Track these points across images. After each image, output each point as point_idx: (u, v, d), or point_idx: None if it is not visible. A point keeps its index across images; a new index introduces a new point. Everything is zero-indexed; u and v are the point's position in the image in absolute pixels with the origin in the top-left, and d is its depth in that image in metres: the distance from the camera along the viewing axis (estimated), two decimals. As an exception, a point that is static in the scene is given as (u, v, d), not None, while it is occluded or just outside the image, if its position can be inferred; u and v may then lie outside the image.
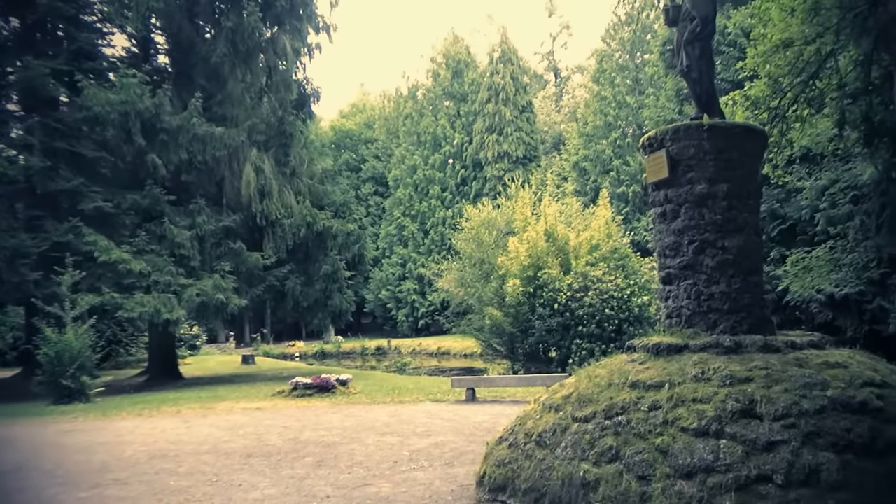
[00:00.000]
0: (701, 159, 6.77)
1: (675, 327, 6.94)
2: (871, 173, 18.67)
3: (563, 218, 27.22)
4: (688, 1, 7.26)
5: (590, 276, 22.66)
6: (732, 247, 6.70)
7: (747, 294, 6.70)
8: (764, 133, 7.39)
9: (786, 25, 13.16)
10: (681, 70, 7.35)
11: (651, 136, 7.17)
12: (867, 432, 5.04)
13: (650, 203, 7.36)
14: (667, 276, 7.09)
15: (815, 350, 6.29)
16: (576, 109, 56.95)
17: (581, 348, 21.98)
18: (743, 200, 6.81)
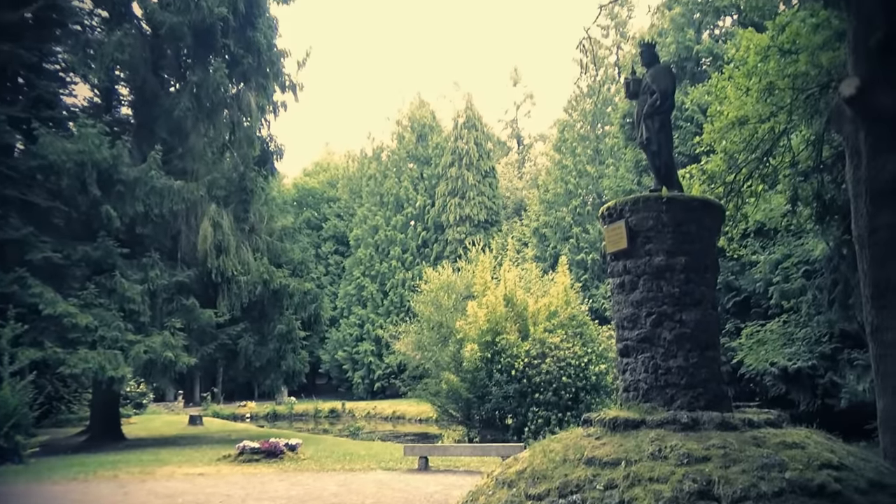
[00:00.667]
0: (660, 231, 6.77)
1: (633, 401, 6.81)
2: (822, 249, 19.08)
3: (522, 283, 27.21)
4: (648, 75, 7.38)
5: (548, 343, 22.57)
6: (690, 320, 6.65)
7: (704, 369, 6.63)
8: (721, 207, 7.46)
9: (741, 104, 13.52)
10: (641, 142, 7.42)
11: (611, 207, 7.17)
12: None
13: (609, 273, 7.32)
14: (624, 349, 6.99)
15: (772, 428, 6.20)
16: (537, 176, 57.86)
17: (537, 416, 21.72)
18: (700, 274, 6.80)
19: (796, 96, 12.58)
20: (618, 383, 7.23)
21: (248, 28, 24.81)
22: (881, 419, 8.61)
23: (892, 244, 8.48)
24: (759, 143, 14.54)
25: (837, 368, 22.95)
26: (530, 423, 21.75)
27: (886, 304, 8.47)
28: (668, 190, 6.98)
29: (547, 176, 49.68)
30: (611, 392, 24.10)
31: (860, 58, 8.72)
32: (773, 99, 13.11)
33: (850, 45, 8.98)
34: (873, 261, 8.61)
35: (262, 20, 25.52)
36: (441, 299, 28.33)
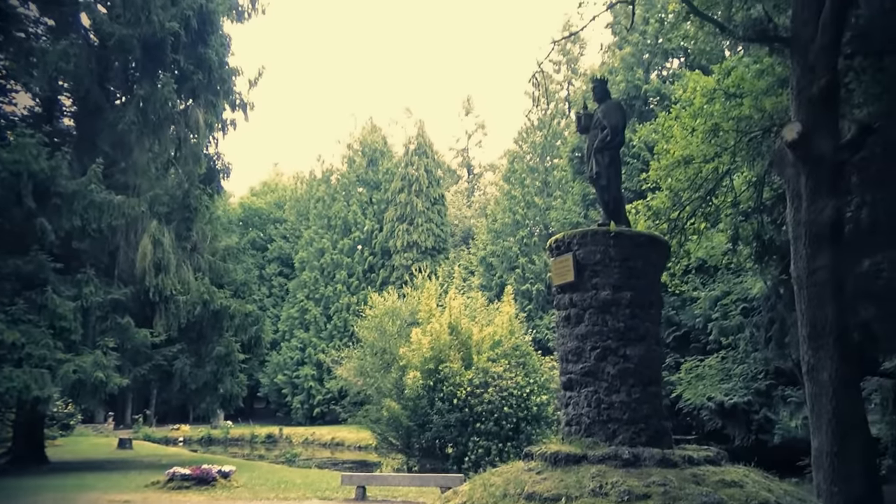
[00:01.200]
0: (606, 265, 6.79)
1: (575, 435, 6.76)
2: (760, 288, 19.57)
3: (467, 311, 27.12)
4: (600, 111, 7.45)
5: (490, 372, 22.46)
6: (634, 355, 6.65)
7: (647, 404, 6.62)
8: (667, 244, 7.53)
9: (687, 143, 13.84)
10: (590, 176, 7.46)
11: (558, 239, 7.17)
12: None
13: (555, 306, 7.30)
14: (568, 382, 6.95)
15: (711, 466, 6.21)
16: (486, 206, 58.27)
17: (478, 446, 21.54)
18: (645, 309, 6.83)
19: (740, 138, 12.93)
20: (560, 416, 7.17)
21: (199, 44, 24.44)
22: (814, 457, 8.77)
23: (828, 285, 8.71)
24: (703, 183, 14.89)
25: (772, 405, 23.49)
26: (471, 452, 21.54)
27: (822, 344, 8.66)
28: (616, 224, 7.02)
29: (495, 206, 50.08)
30: (551, 423, 24.09)
31: (802, 105, 9.01)
32: (717, 140, 13.46)
33: (793, 93, 9.27)
34: (811, 301, 8.81)
35: (215, 37, 25.18)
36: (385, 325, 27.99)
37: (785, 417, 23.40)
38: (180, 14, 23.05)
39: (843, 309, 8.76)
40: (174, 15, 22.61)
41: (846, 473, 8.27)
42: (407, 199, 54.62)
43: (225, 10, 25.58)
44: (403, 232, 53.94)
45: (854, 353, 8.80)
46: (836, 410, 8.44)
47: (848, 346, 8.73)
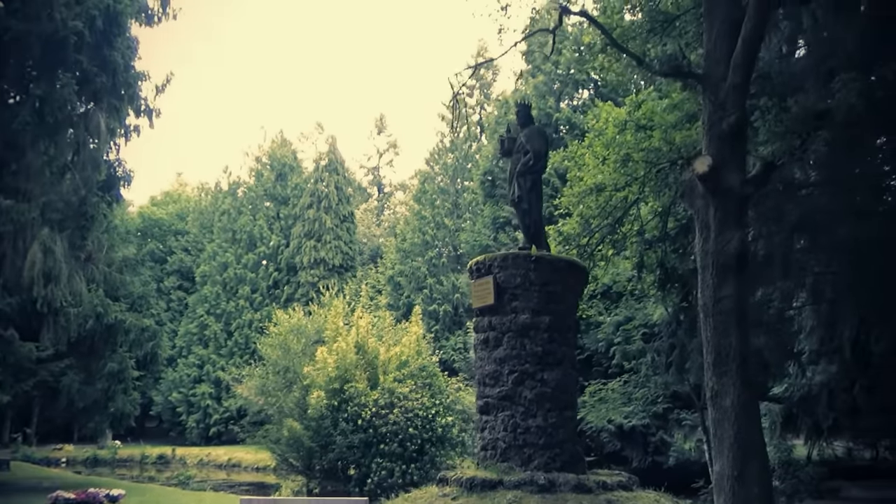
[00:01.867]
0: (526, 289, 6.79)
1: (490, 460, 6.68)
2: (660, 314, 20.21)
3: (374, 331, 26.90)
4: (523, 135, 7.49)
5: (396, 393, 22.32)
6: (551, 380, 6.66)
7: (562, 429, 6.63)
8: (585, 269, 7.64)
9: (599, 171, 14.18)
10: (512, 200, 7.49)
11: (479, 262, 7.13)
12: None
13: (474, 329, 7.25)
14: (485, 406, 6.88)
15: (624, 491, 6.26)
16: (395, 225, 58.20)
17: (381, 467, 21.29)
18: (563, 333, 6.86)
19: (649, 169, 13.36)
20: (476, 441, 7.09)
21: (104, 46, 23.32)
22: (716, 480, 9.01)
23: (733, 314, 9.02)
24: (613, 211, 15.28)
25: (668, 428, 24.29)
26: (373, 474, 21.29)
27: (727, 370, 8.95)
28: (537, 249, 7.05)
29: (405, 225, 50.13)
30: (456, 445, 24.11)
31: (713, 140, 9.37)
32: (627, 170, 13.85)
33: (704, 127, 9.63)
34: (716, 329, 9.10)
35: (122, 39, 24.09)
36: (290, 343, 27.37)
37: (680, 440, 24.24)
38: (85, 13, 21.94)
39: (745, 337, 9.11)
40: (78, 14, 21.47)
41: (745, 496, 8.54)
42: (316, 216, 53.86)
43: (133, 11, 24.54)
44: (311, 248, 53.10)
45: (754, 380, 9.14)
46: (738, 435, 8.72)
47: (749, 372, 9.06)
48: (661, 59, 10.18)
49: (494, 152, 32.93)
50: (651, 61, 10.15)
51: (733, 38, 9.34)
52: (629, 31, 11.16)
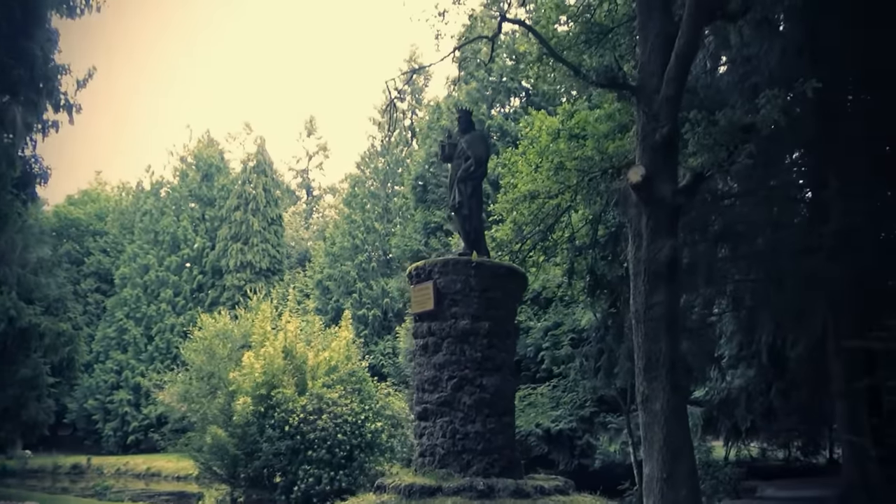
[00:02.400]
0: (466, 295, 6.78)
1: (429, 466, 6.64)
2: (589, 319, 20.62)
3: (303, 335, 26.50)
4: (464, 141, 7.50)
5: (325, 398, 22.07)
6: (490, 386, 6.67)
7: (501, 435, 6.65)
8: (524, 276, 7.69)
9: (532, 179, 14.35)
10: (452, 205, 7.48)
11: (419, 267, 7.09)
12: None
13: (412, 334, 7.20)
14: (423, 412, 6.84)
15: (561, 496, 6.32)
16: (325, 228, 57.56)
17: (308, 475, 20.98)
18: (502, 339, 6.88)
19: (582, 178, 13.62)
20: (414, 448, 7.03)
21: (21, 37, 22.23)
22: (645, 483, 9.21)
23: (663, 320, 9.25)
24: (545, 218, 15.52)
25: (593, 431, 24.78)
26: (300, 482, 20.97)
27: (657, 375, 9.17)
28: (478, 254, 7.05)
29: (335, 229, 49.66)
30: (385, 451, 23.99)
31: (646, 150, 9.61)
32: (560, 177, 14.08)
33: (638, 137, 9.87)
34: (647, 335, 9.32)
35: (41, 31, 23.03)
36: (215, 348, 26.66)
37: (605, 443, 24.76)
38: (1, 2, 20.92)
39: (675, 343, 9.35)
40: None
41: (674, 498, 8.76)
42: (243, 218, 52.70)
43: (54, 2, 23.51)
44: (237, 251, 51.91)
45: (682, 384, 9.39)
46: (667, 438, 8.94)
47: (678, 377, 9.31)
48: (597, 69, 10.38)
49: (427, 157, 33.03)
50: (587, 72, 10.36)
51: (666, 51, 9.60)
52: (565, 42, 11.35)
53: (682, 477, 8.89)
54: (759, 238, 17.84)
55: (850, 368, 16.42)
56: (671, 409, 9.03)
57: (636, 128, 10.11)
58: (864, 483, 15.71)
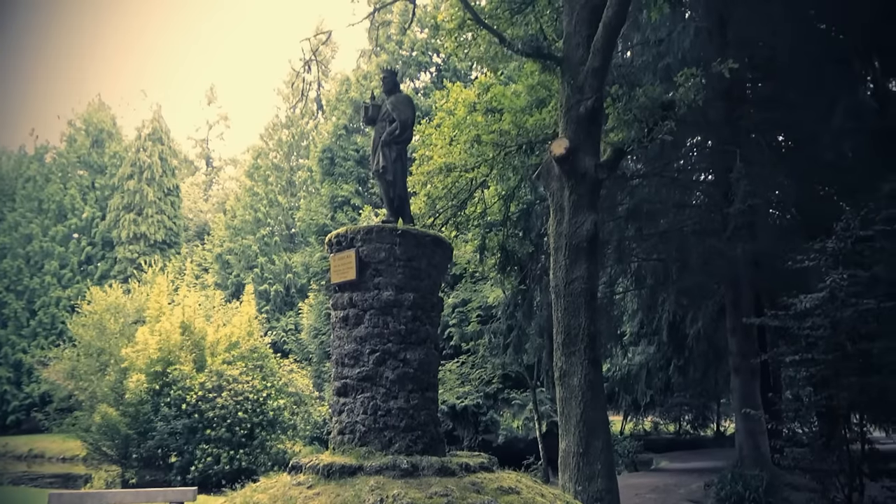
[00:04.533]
0: (391, 264, 6.45)
1: (348, 444, 6.29)
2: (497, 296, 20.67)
3: (202, 311, 25.51)
4: (389, 103, 7.12)
5: (225, 376, 21.40)
6: (414, 360, 6.38)
7: (424, 411, 6.39)
8: (450, 246, 7.40)
9: (447, 152, 14.06)
10: (376, 170, 7.09)
11: (340, 234, 6.69)
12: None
13: (332, 306, 6.79)
14: (343, 387, 6.48)
15: (486, 473, 6.13)
16: (225, 201, 55.53)
17: (207, 454, 20.27)
18: (427, 312, 6.60)
19: (499, 152, 13.43)
20: (332, 425, 6.66)
21: None
22: (562, 458, 9.20)
23: (583, 295, 9.21)
24: (458, 193, 15.29)
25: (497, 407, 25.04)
26: (198, 461, 20.28)
27: (576, 350, 9.14)
28: (404, 222, 6.74)
29: (236, 201, 47.95)
30: (287, 429, 23.50)
31: (571, 123, 9.48)
32: (476, 151, 13.84)
33: (562, 109, 9.73)
34: (567, 310, 9.26)
35: None
36: (106, 323, 25.31)
37: (508, 419, 25.07)
38: None
39: (594, 318, 9.33)
40: None
41: (589, 473, 8.78)
42: (136, 187, 49.97)
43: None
44: (130, 222, 49.22)
45: (599, 359, 9.40)
46: (584, 414, 8.94)
47: (596, 352, 9.30)
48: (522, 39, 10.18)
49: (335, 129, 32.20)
50: (512, 41, 10.12)
51: (592, 23, 9.48)
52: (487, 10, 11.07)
53: (598, 452, 8.91)
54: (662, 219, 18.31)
55: (744, 345, 17.13)
56: (588, 384, 9.02)
57: (560, 100, 9.97)
58: (757, 453, 16.46)
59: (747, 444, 16.71)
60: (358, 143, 31.32)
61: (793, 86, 16.53)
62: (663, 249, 18.50)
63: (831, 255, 12.24)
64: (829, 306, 11.60)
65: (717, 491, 14.82)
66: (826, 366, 11.67)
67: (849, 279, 11.48)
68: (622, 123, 10.09)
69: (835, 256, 12.26)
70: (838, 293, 11.45)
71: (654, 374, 21.81)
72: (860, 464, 11.98)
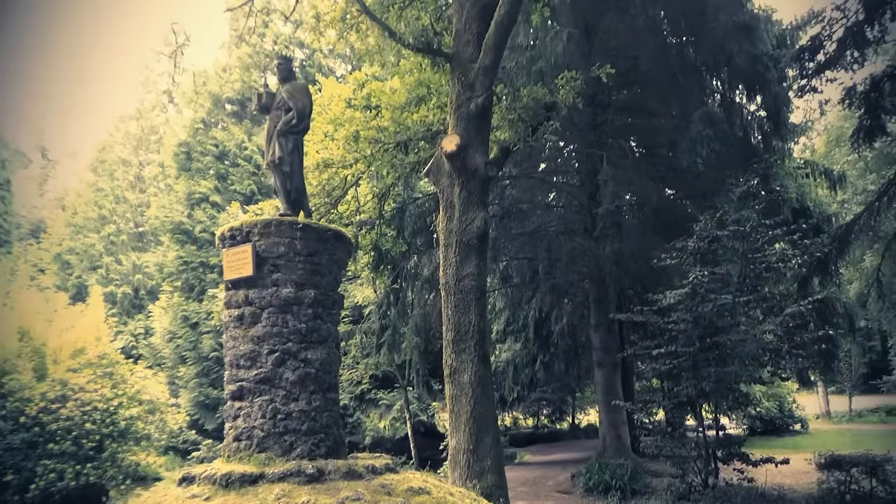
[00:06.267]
0: (290, 259, 6.10)
1: (245, 451, 5.88)
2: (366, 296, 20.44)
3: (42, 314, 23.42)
4: (285, 91, 6.76)
5: (70, 384, 19.74)
6: (315, 359, 6.08)
7: (327, 413, 6.10)
8: (350, 241, 7.13)
9: (324, 147, 13.68)
10: (271, 161, 6.70)
11: (234, 228, 6.26)
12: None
13: (225, 304, 6.34)
14: (238, 391, 6.05)
15: (393, 474, 5.94)
16: (64, 197, 51.46)
17: (49, 470, 18.59)
18: (328, 309, 6.31)
19: (378, 148, 13.22)
20: (226, 432, 6.20)
21: None
22: (452, 454, 9.14)
23: (473, 292, 9.20)
24: (333, 190, 14.93)
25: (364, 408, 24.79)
26: (38, 479, 18.53)
27: (465, 347, 9.11)
28: (298, 216, 6.41)
29: (77, 197, 44.50)
30: (141, 439, 22.05)
31: (461, 119, 9.45)
32: (356, 147, 13.55)
33: (452, 106, 9.68)
34: (457, 307, 9.22)
35: None
36: (-76, 330, 22.67)
37: (375, 419, 24.84)
38: None
39: (484, 314, 9.35)
40: None
41: (479, 469, 8.78)
42: (-42, 180, 45.37)
43: None
44: (-48, 218, 44.65)
45: (488, 356, 9.44)
46: (474, 411, 8.93)
47: (486, 349, 9.33)
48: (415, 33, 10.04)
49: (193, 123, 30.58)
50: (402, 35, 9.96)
51: (483, 21, 9.50)
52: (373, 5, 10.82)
53: (488, 448, 8.93)
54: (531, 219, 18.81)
55: (607, 340, 17.92)
56: (479, 381, 9.03)
57: (449, 97, 9.93)
58: (619, 443, 17.27)
59: (610, 434, 17.48)
60: (217, 139, 29.93)
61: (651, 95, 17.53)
62: (530, 249, 19.02)
63: (691, 253, 13.07)
64: (690, 302, 12.36)
65: (585, 481, 15.38)
66: (686, 357, 12.42)
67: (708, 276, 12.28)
68: (506, 123, 10.19)
69: (694, 255, 13.10)
70: (699, 289, 12.22)
71: (521, 370, 22.33)
72: (715, 449, 12.86)
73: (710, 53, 16.59)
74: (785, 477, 14.75)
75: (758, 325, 12.74)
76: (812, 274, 14.71)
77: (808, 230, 14.25)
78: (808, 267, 14.07)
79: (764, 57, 15.78)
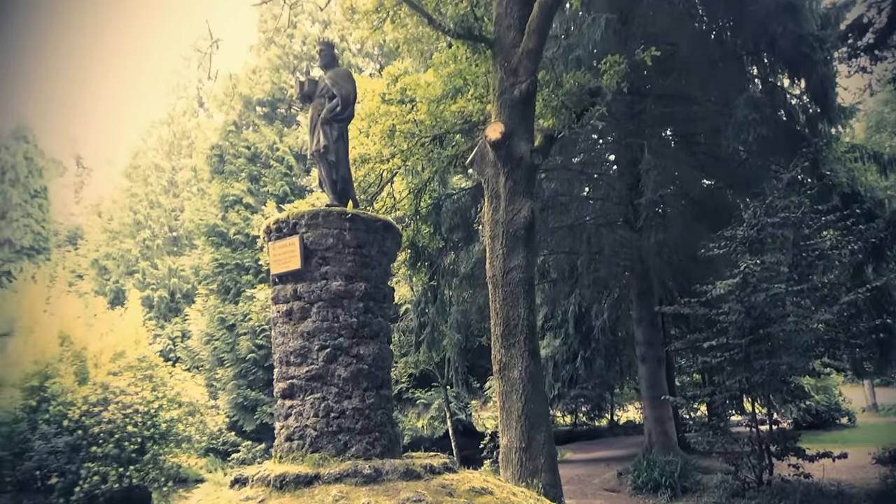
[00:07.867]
0: (339, 252, 5.87)
1: (298, 451, 5.66)
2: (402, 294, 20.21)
3: (82, 319, 23.66)
4: (328, 78, 6.54)
5: (111, 388, 19.86)
6: (367, 355, 5.84)
7: (381, 410, 5.86)
8: (400, 232, 6.90)
9: (361, 143, 13.50)
10: (316, 150, 6.48)
11: (281, 220, 6.04)
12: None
13: (272, 300, 6.12)
14: (289, 389, 5.83)
15: (452, 474, 5.69)
16: (99, 203, 52.14)
17: (92, 473, 18.71)
18: (379, 303, 6.07)
19: (414, 142, 12.99)
20: (277, 432, 6.00)
21: None
22: (504, 453, 8.85)
23: (521, 285, 8.91)
24: (369, 187, 14.76)
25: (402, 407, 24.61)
26: (83, 481, 18.65)
27: (515, 342, 8.82)
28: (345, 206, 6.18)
29: (113, 203, 45.04)
30: (182, 441, 22.13)
31: (505, 106, 9.15)
32: (390, 142, 13.36)
33: (496, 93, 9.38)
34: (505, 301, 8.93)
35: None
36: (-29, 336, 23.02)
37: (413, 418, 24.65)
38: None
39: (533, 308, 9.06)
40: None
41: (532, 468, 8.48)
42: (0, 189, 46.17)
43: None
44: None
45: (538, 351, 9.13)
46: (525, 407, 8.63)
47: (535, 343, 9.03)
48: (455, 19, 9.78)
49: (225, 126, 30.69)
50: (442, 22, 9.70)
51: (525, 4, 9.21)
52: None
53: (541, 445, 8.63)
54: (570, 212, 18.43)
55: (650, 334, 17.47)
56: (529, 377, 8.73)
57: (492, 84, 9.64)
58: (665, 439, 16.81)
59: (656, 430, 17.03)
60: (249, 140, 30.00)
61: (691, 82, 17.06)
62: (569, 242, 18.63)
63: (741, 242, 12.62)
64: (741, 292, 11.93)
65: (633, 479, 15.00)
66: (738, 350, 11.99)
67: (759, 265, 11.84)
68: (549, 110, 9.88)
69: (743, 244, 12.65)
70: (751, 279, 11.79)
71: (561, 366, 21.94)
72: (769, 444, 12.40)
73: (751, 36, 16.06)
74: (840, 472, 14.22)
75: (811, 314, 12.24)
76: (867, 261, 14.17)
77: (860, 216, 13.71)
78: (863, 253, 13.54)
79: (809, 37, 15.21)
